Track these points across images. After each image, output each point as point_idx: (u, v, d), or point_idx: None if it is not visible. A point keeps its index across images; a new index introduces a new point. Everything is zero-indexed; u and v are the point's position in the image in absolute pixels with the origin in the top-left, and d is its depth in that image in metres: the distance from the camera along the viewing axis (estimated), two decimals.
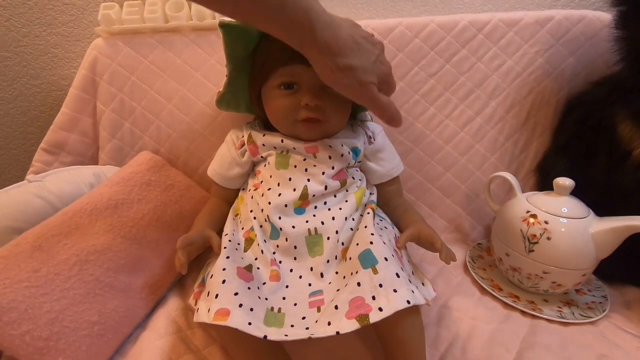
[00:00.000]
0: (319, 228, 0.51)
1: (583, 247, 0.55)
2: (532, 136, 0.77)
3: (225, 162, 0.61)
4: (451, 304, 0.59)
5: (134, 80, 0.72)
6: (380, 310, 0.39)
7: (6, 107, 0.83)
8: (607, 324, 0.56)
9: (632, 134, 0.59)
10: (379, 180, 0.62)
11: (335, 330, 0.39)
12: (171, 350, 0.49)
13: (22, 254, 0.46)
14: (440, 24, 0.73)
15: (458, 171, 0.76)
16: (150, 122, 0.73)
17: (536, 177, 0.77)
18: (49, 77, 0.81)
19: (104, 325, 0.47)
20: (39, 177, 0.60)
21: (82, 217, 0.53)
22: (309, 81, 0.53)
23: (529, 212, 0.58)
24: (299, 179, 0.54)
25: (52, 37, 0.78)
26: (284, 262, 0.51)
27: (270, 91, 0.55)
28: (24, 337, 0.41)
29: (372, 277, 0.42)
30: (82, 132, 0.74)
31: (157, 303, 0.57)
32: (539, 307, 0.58)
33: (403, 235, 0.52)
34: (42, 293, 0.44)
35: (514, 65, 0.75)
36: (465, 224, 0.77)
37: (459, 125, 0.75)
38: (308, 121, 0.54)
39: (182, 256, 0.48)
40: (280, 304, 0.45)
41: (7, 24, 0.76)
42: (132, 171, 0.64)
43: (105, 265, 0.50)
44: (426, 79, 0.74)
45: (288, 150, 0.56)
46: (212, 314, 0.40)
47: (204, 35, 0.72)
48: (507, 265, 0.61)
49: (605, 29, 0.69)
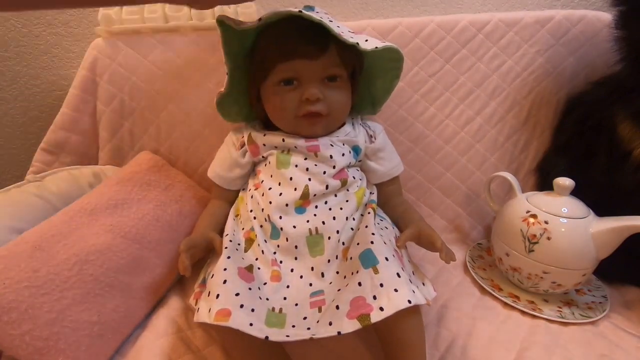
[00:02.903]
0: (319, 228, 0.51)
1: (583, 247, 0.55)
2: (532, 136, 0.77)
3: (225, 164, 0.61)
4: (451, 304, 0.59)
5: (134, 81, 0.72)
6: (382, 310, 0.39)
7: (6, 107, 0.83)
8: (607, 324, 0.56)
9: (632, 134, 0.59)
10: (379, 180, 0.62)
11: (336, 330, 0.39)
12: (171, 351, 0.49)
13: (22, 254, 0.46)
14: (440, 24, 0.73)
15: (458, 171, 0.76)
16: (150, 122, 0.73)
17: (536, 177, 0.77)
18: (49, 77, 0.81)
19: (103, 325, 0.47)
20: (39, 177, 0.60)
21: (82, 217, 0.53)
22: (309, 76, 0.53)
23: (529, 212, 0.58)
24: (300, 179, 0.54)
25: (52, 37, 0.78)
26: (285, 262, 0.50)
27: (270, 88, 0.55)
28: (24, 337, 0.41)
29: (373, 277, 0.41)
30: (82, 132, 0.74)
31: (157, 303, 0.57)
32: (539, 307, 0.58)
33: (403, 235, 0.52)
34: (42, 293, 0.44)
35: (514, 65, 0.75)
36: (465, 224, 0.77)
37: (459, 125, 0.75)
38: (309, 116, 0.54)
39: (185, 259, 0.48)
40: (281, 304, 0.45)
41: (7, 24, 0.76)
42: (132, 171, 0.64)
43: (105, 265, 0.50)
44: (426, 79, 0.74)
45: (289, 150, 0.56)
46: (213, 314, 0.40)
47: (204, 36, 0.72)
48: (507, 265, 0.61)
49: (605, 29, 0.69)
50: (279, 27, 0.52)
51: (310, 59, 0.52)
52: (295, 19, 0.50)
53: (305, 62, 0.52)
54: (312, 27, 0.49)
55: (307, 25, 0.50)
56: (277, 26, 0.52)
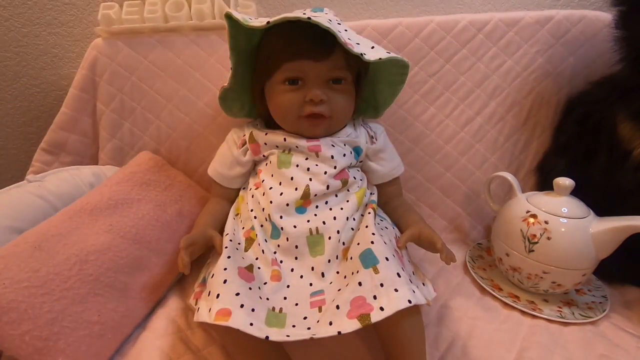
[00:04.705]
0: (320, 228, 0.51)
1: (583, 247, 0.55)
2: (532, 136, 0.77)
3: (226, 162, 0.61)
4: (451, 304, 0.59)
5: (134, 80, 0.72)
6: (382, 310, 0.39)
7: (6, 107, 0.83)
8: (607, 324, 0.56)
9: (632, 134, 0.59)
10: (379, 181, 0.62)
11: (337, 330, 0.39)
12: (171, 350, 0.49)
13: (22, 254, 0.46)
14: (440, 24, 0.73)
15: (458, 171, 0.76)
16: (150, 122, 0.73)
17: (536, 177, 0.77)
18: (49, 77, 0.81)
19: (103, 325, 0.47)
20: (39, 177, 0.60)
21: (82, 217, 0.53)
22: (314, 77, 0.53)
23: (529, 212, 0.58)
24: (300, 178, 0.54)
25: (52, 37, 0.78)
26: (285, 262, 0.50)
27: (274, 87, 0.55)
28: (23, 337, 0.41)
29: (373, 277, 0.42)
30: (82, 132, 0.74)
31: (157, 303, 0.57)
32: (539, 307, 0.58)
33: (404, 236, 0.52)
34: (42, 293, 0.44)
35: (514, 65, 0.75)
36: (465, 224, 0.77)
37: (459, 125, 0.75)
38: (312, 117, 0.54)
39: (185, 256, 0.48)
40: (282, 304, 0.45)
41: (7, 24, 0.76)
42: (132, 171, 0.64)
43: (105, 265, 0.50)
44: (426, 78, 0.75)
45: (290, 149, 0.56)
46: (214, 314, 0.40)
47: (204, 35, 0.72)
48: (507, 265, 0.61)
49: (605, 29, 0.69)
50: (287, 26, 0.52)
51: (317, 60, 0.52)
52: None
53: (311, 63, 0.52)
54: (320, 28, 0.49)
55: (316, 27, 0.50)
56: (285, 25, 0.52)
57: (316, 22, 0.48)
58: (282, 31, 0.53)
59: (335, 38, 0.49)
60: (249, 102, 0.63)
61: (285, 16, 0.49)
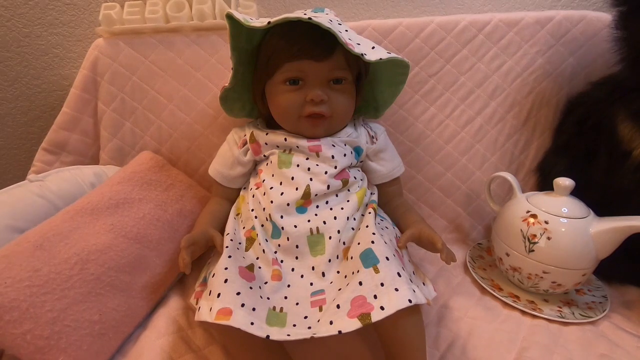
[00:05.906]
0: (320, 227, 0.51)
1: (583, 247, 0.55)
2: (532, 136, 0.77)
3: (227, 162, 0.62)
4: (451, 304, 0.59)
5: (135, 80, 0.72)
6: (382, 309, 0.39)
7: (7, 107, 0.83)
8: (607, 324, 0.56)
9: (632, 134, 0.59)
10: (380, 181, 0.62)
11: (337, 330, 0.39)
12: (172, 350, 0.49)
13: (23, 253, 0.46)
14: (441, 24, 0.73)
15: (458, 171, 0.76)
16: (151, 122, 0.74)
17: (536, 177, 0.77)
18: (50, 77, 0.81)
19: (104, 325, 0.47)
20: (40, 176, 0.60)
21: (83, 216, 0.53)
22: (315, 77, 0.53)
23: (529, 212, 0.59)
24: (301, 178, 0.54)
25: (53, 37, 0.78)
26: (286, 262, 0.51)
27: (275, 87, 0.55)
28: (25, 336, 0.41)
29: (374, 276, 0.42)
30: (83, 132, 0.74)
31: (158, 302, 0.57)
32: (539, 307, 0.58)
33: (404, 236, 0.52)
34: (44, 292, 0.44)
35: (514, 65, 0.75)
36: (465, 224, 0.77)
37: (459, 125, 0.76)
38: (313, 117, 0.54)
39: (186, 256, 0.48)
40: (282, 304, 0.45)
41: (9, 24, 0.76)
42: (133, 171, 0.64)
43: (106, 264, 0.50)
44: (426, 79, 0.75)
45: (291, 149, 0.56)
46: (214, 313, 0.40)
47: (205, 36, 0.73)
48: (507, 265, 0.61)
49: (605, 29, 0.69)
50: (288, 26, 0.52)
51: (317, 60, 0.52)
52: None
53: (312, 63, 0.52)
54: (321, 28, 0.49)
55: (316, 27, 0.50)
56: (286, 25, 0.52)
57: (317, 23, 0.48)
58: (282, 31, 0.53)
59: (335, 38, 0.49)
60: (249, 102, 0.63)
61: (286, 16, 0.50)
